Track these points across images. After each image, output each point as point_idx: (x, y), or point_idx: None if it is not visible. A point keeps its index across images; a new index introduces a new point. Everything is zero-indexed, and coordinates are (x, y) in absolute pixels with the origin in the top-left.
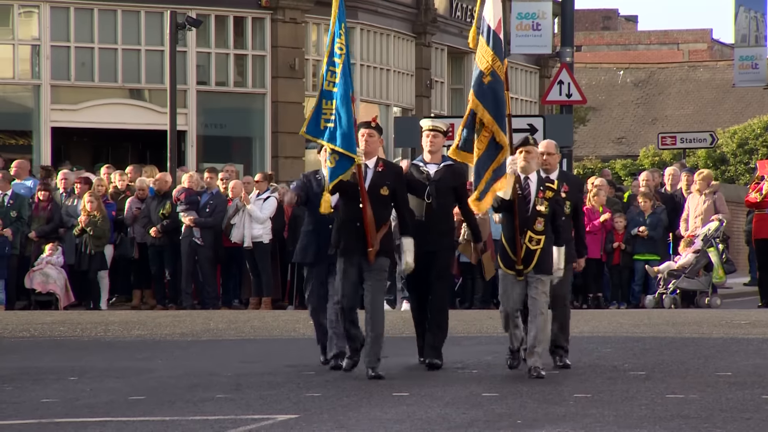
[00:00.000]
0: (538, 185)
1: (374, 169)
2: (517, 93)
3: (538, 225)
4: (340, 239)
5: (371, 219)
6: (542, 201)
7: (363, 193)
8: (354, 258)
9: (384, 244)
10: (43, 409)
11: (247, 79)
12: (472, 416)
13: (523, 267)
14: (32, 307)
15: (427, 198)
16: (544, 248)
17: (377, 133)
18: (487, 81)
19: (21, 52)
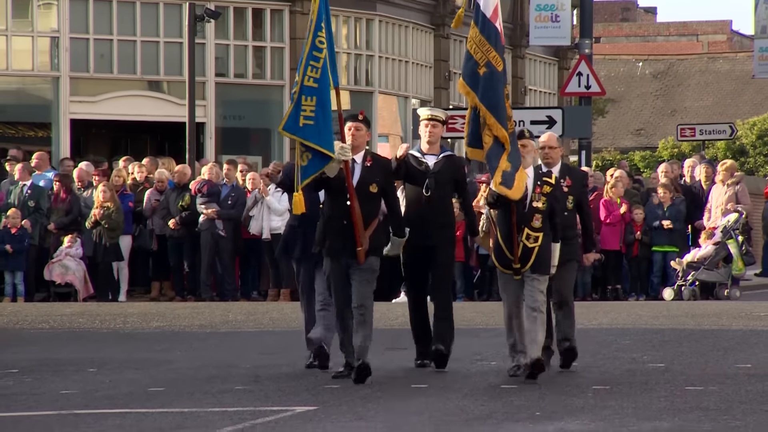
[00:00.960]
0: (535, 180)
1: (362, 164)
2: (536, 85)
3: (536, 222)
4: (326, 238)
5: (359, 216)
6: (539, 197)
7: (350, 190)
8: (341, 259)
9: (373, 242)
10: (63, 400)
11: (266, 71)
12: (491, 408)
13: (520, 266)
14: (51, 299)
15: (425, 191)
16: (542, 246)
17: (365, 127)
18: (483, 72)
19: (40, 44)
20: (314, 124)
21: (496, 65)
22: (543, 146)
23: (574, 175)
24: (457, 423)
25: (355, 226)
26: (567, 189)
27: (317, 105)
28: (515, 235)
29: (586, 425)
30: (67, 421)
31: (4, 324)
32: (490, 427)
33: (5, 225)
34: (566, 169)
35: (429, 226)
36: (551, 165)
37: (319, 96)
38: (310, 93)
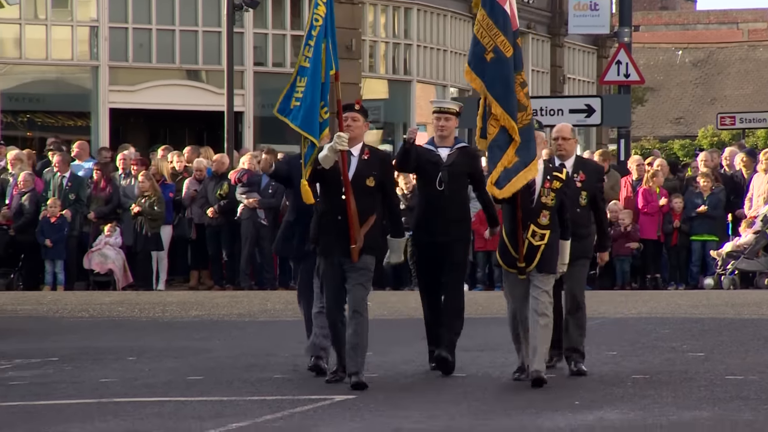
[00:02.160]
0: (545, 174)
1: (359, 156)
2: (575, 73)
3: (543, 218)
4: (319, 235)
5: (355, 212)
6: (548, 192)
7: (346, 184)
8: (335, 257)
9: (369, 240)
10: (103, 388)
11: None
12: (530, 398)
13: (525, 265)
14: (91, 288)
15: (439, 185)
16: (548, 244)
17: (362, 117)
18: (490, 58)
19: (79, 34)
20: (300, 106)
21: (505, 51)
22: (556, 137)
23: (588, 168)
24: (495, 413)
25: (350, 223)
26: (580, 184)
27: (307, 86)
28: (520, 232)
29: (625, 414)
30: (107, 409)
31: (45, 312)
32: (530, 417)
33: (45, 215)
34: (580, 162)
35: (442, 222)
36: (565, 158)
37: (311, 76)
38: (304, 73)
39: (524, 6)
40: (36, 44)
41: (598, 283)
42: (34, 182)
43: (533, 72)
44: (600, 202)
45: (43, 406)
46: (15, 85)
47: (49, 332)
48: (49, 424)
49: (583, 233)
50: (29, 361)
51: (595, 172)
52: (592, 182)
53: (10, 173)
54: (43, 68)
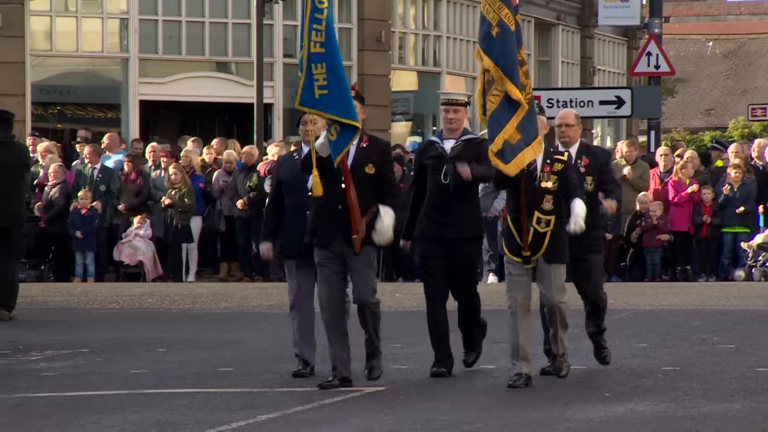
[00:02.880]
0: (545, 158)
1: (357, 144)
2: (605, 65)
3: (546, 204)
4: (318, 226)
5: (356, 201)
6: (549, 176)
7: (346, 172)
8: (335, 248)
9: (370, 230)
10: (133, 380)
11: None
12: (560, 389)
13: (530, 253)
14: (121, 279)
15: (444, 178)
16: (554, 231)
17: (359, 104)
18: (496, 33)
19: (110, 26)
20: (329, 93)
21: (509, 24)
22: (559, 123)
23: (593, 153)
24: (525, 405)
25: (351, 212)
26: (584, 169)
27: (328, 72)
28: (524, 218)
29: (655, 406)
30: (137, 401)
31: (75, 304)
32: (560, 409)
33: (75, 206)
34: (585, 148)
35: (450, 216)
36: (569, 144)
37: (329, 61)
38: (319, 59)
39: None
40: (66, 36)
41: (628, 275)
42: (64, 174)
43: (563, 63)
44: (611, 185)
45: (74, 398)
46: (46, 77)
47: (80, 324)
48: (80, 415)
49: (588, 222)
50: (60, 352)
51: (602, 156)
52: (597, 167)
53: (41, 165)
54: (73, 60)
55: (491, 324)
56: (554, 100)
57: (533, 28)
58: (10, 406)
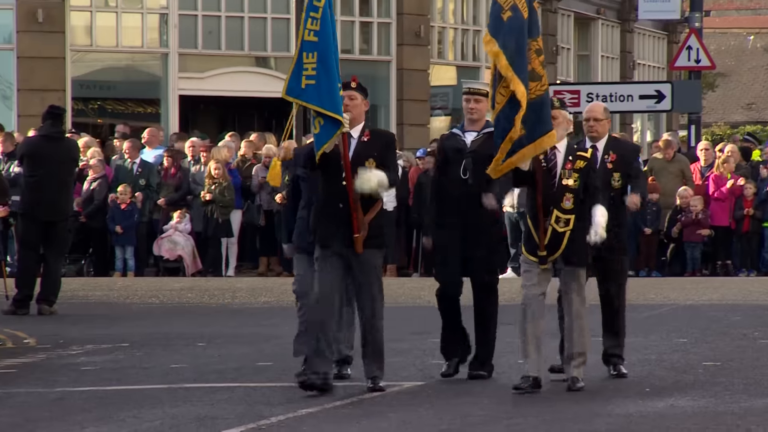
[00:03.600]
0: (567, 155)
1: (359, 138)
2: (645, 59)
3: (566, 202)
4: (319, 224)
5: (357, 199)
6: (570, 173)
7: (347, 169)
8: (335, 247)
9: (374, 230)
10: (173, 374)
11: (373, 47)
12: (600, 384)
13: (547, 253)
14: (160, 274)
15: (463, 173)
16: (574, 231)
17: (360, 95)
18: (507, 17)
19: (149, 21)
20: (316, 84)
21: (522, 10)
22: (587, 118)
23: (621, 149)
24: (565, 399)
25: (353, 210)
26: (612, 165)
27: (318, 61)
28: (541, 217)
29: (696, 401)
30: (177, 395)
31: (115, 298)
32: (600, 404)
33: (115, 201)
34: (613, 142)
35: (468, 205)
36: (596, 139)
37: (321, 50)
38: (311, 48)
39: None
40: (106, 32)
41: (668, 269)
42: (104, 169)
43: (602, 58)
44: (640, 181)
45: (114, 392)
46: (85, 72)
47: (120, 318)
48: (119, 409)
49: (615, 221)
50: (100, 346)
51: (630, 152)
52: (625, 163)
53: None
54: (113, 56)
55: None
56: (594, 95)
57: (573, 23)
58: (50, 401)
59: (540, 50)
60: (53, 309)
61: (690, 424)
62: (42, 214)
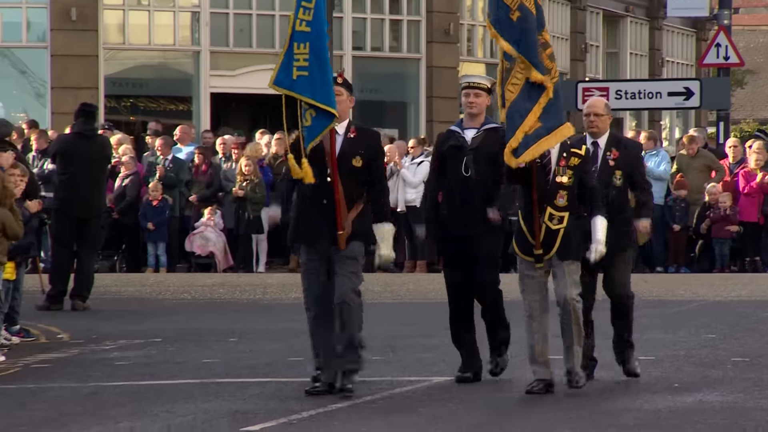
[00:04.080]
0: (561, 151)
1: (344, 135)
2: (674, 56)
3: (560, 199)
4: (300, 221)
5: (342, 196)
6: (564, 170)
7: (333, 164)
8: (320, 245)
9: (357, 226)
10: (205, 369)
11: (402, 45)
12: (629, 380)
13: (542, 252)
14: (192, 270)
15: (465, 171)
16: (568, 228)
17: (346, 91)
18: (516, 17)
19: (181, 19)
20: (308, 76)
21: (530, 6)
22: (588, 113)
23: (623, 146)
24: (593, 395)
25: (337, 207)
26: (613, 162)
27: (311, 52)
28: (536, 215)
29: (724, 397)
30: (209, 390)
31: (148, 294)
32: (629, 399)
33: (146, 197)
34: (614, 139)
35: (470, 212)
36: (597, 135)
37: (313, 42)
38: (303, 39)
39: None
40: (139, 30)
41: (697, 266)
42: (136, 165)
43: (631, 55)
44: (640, 181)
45: (147, 386)
46: (118, 70)
47: (152, 314)
48: (152, 403)
49: (618, 219)
50: (133, 342)
51: (633, 149)
52: (628, 160)
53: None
54: (145, 53)
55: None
56: (622, 92)
57: (602, 20)
58: (84, 395)
59: (546, 43)
60: (86, 304)
61: (718, 419)
62: (75, 211)
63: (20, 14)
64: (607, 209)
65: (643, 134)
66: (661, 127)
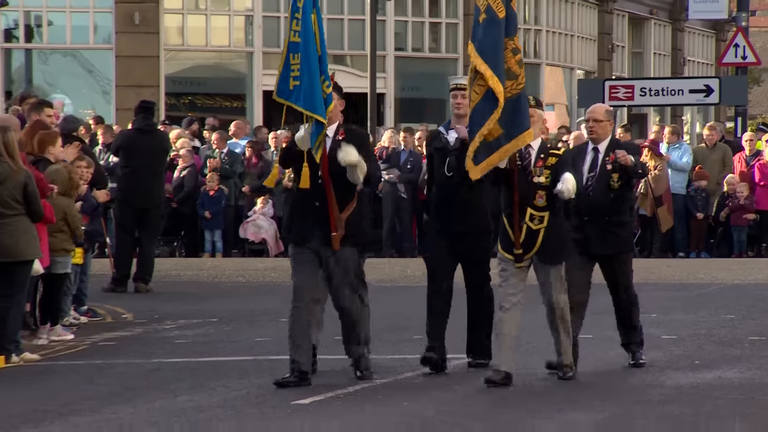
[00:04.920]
0: (539, 153)
1: (334, 137)
2: (695, 56)
3: (539, 200)
4: (294, 222)
5: (334, 197)
6: (542, 171)
7: (324, 166)
8: (312, 245)
9: (350, 228)
10: (258, 347)
11: (441, 45)
12: (652, 357)
13: (522, 251)
14: (246, 255)
15: (447, 171)
16: (549, 228)
17: (336, 94)
18: (482, 19)
19: (236, 22)
20: (300, 85)
21: (497, 11)
22: (588, 118)
23: (624, 149)
24: (619, 372)
25: (330, 208)
26: (611, 166)
27: (302, 62)
28: (516, 216)
29: (743, 373)
30: (262, 366)
31: (205, 277)
32: (653, 375)
33: (203, 187)
34: (615, 144)
35: (455, 211)
36: (597, 141)
37: (304, 51)
38: (295, 49)
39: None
40: (197, 32)
41: (716, 251)
42: (193, 158)
43: (655, 55)
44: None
45: (205, 363)
46: (178, 69)
47: (209, 296)
48: (210, 378)
49: (616, 221)
50: (191, 321)
51: (630, 152)
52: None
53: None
54: (203, 54)
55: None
56: (647, 89)
57: (627, 22)
58: (147, 371)
59: (516, 49)
60: (149, 287)
61: (737, 394)
62: (137, 202)
63: (87, 18)
64: (607, 215)
65: (666, 129)
66: (683, 122)
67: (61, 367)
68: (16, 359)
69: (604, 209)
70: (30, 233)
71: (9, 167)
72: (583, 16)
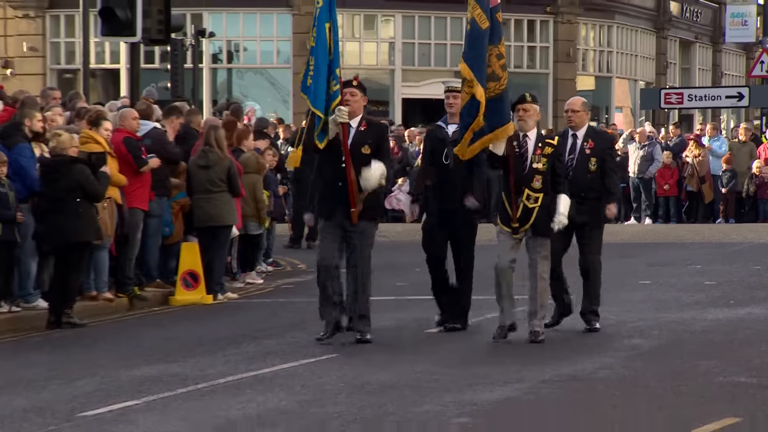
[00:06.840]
0: (536, 142)
1: (357, 128)
2: (730, 70)
3: (536, 183)
4: (321, 200)
5: (354, 179)
6: (540, 158)
7: (346, 153)
8: (336, 219)
9: (369, 203)
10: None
11: (536, 63)
12: (697, 298)
13: (519, 225)
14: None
15: (444, 159)
16: (542, 206)
17: (359, 92)
18: (467, 29)
19: (381, 47)
20: (312, 83)
21: (480, 23)
22: (566, 109)
23: (599, 138)
24: (671, 308)
25: (350, 188)
26: (589, 151)
27: (315, 63)
28: (513, 197)
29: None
30: (401, 305)
31: None
32: (697, 311)
33: None
34: (592, 132)
35: (450, 191)
36: (576, 128)
37: (316, 53)
38: (312, 53)
39: (693, 23)
40: (352, 55)
41: (746, 218)
42: None
43: (699, 70)
44: (609, 169)
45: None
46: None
47: None
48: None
49: (592, 196)
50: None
51: (606, 140)
52: (601, 149)
53: None
54: (357, 71)
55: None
56: (693, 96)
57: (678, 45)
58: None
59: (501, 54)
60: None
61: (764, 326)
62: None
63: (272, 45)
64: (584, 192)
65: (708, 125)
66: (720, 121)
67: (253, 304)
68: (221, 297)
69: (581, 187)
70: (231, 205)
71: (218, 156)
72: (644, 40)
